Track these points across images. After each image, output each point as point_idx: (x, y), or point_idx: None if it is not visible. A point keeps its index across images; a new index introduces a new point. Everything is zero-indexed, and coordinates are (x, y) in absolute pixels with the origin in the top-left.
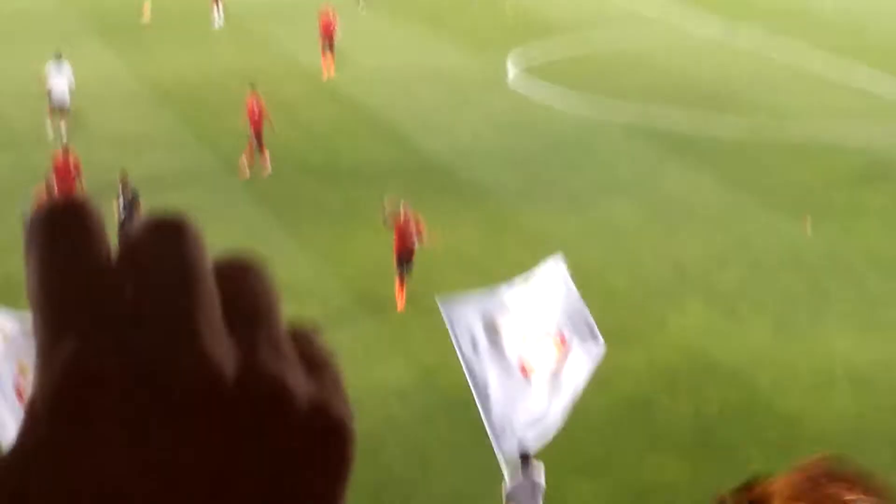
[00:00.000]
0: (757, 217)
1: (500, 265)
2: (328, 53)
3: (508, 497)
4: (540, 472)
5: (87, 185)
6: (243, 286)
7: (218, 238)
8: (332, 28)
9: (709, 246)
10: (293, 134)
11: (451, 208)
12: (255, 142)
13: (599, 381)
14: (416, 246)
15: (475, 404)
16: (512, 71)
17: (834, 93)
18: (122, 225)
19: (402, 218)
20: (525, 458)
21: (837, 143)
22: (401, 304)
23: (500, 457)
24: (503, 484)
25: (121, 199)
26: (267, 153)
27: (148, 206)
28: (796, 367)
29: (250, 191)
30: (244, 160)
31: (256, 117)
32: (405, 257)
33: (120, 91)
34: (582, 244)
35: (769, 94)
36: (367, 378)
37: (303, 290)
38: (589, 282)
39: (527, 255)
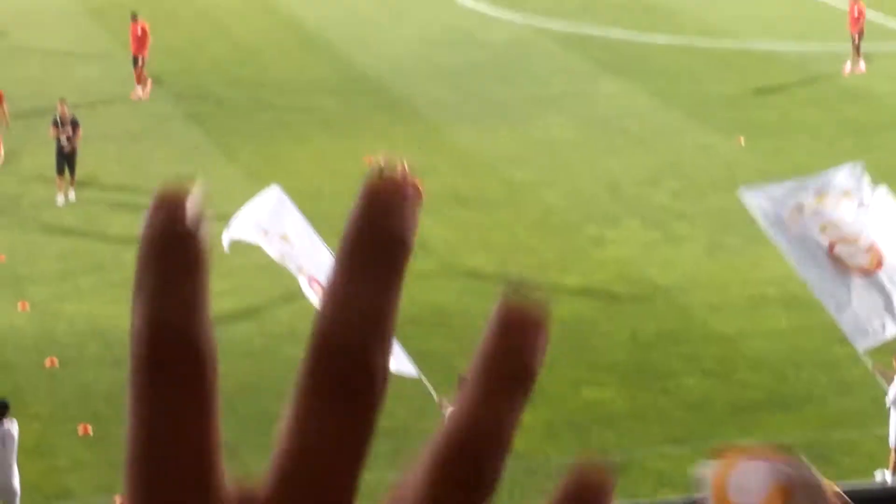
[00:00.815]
0: (691, 134)
1: (434, 183)
2: None
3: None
4: None
5: (19, 104)
6: (522, 342)
7: (150, 155)
8: None
9: (643, 164)
10: (223, 48)
11: (383, 125)
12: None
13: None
14: None
15: (411, 328)
16: None
17: (768, 4)
18: (62, 150)
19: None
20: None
21: (771, 57)
22: None
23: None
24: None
25: (59, 124)
26: (149, 81)
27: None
28: (730, 289)
29: (180, 107)
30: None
31: (137, 44)
32: None
33: (51, 7)
34: (516, 161)
35: (704, 9)
36: (306, 306)
37: (232, 209)
38: (524, 199)
39: (460, 173)
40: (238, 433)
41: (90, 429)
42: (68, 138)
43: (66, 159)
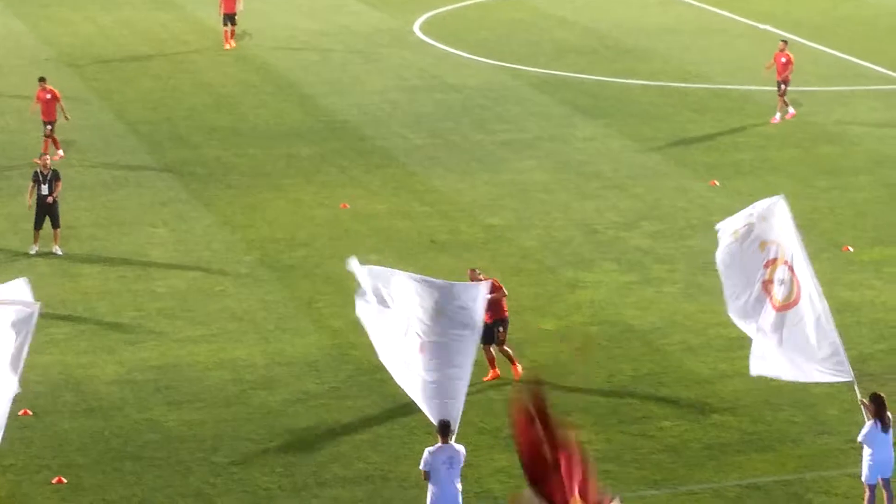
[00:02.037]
0: (667, 177)
1: (411, 229)
2: (229, 25)
3: (425, 463)
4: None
5: None
6: None
7: (127, 203)
8: (233, 2)
9: (619, 206)
10: (198, 96)
11: (359, 171)
12: (47, 130)
13: (515, 351)
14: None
15: (386, 373)
16: (421, 31)
17: (743, 48)
18: (43, 204)
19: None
20: (445, 428)
21: (746, 99)
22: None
23: None
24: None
25: (40, 179)
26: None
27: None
28: (708, 331)
29: (156, 154)
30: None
31: (45, 107)
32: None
33: (25, 55)
34: (492, 205)
35: (678, 53)
36: (281, 352)
37: (211, 257)
38: (500, 243)
39: (436, 218)
40: (214, 482)
41: (63, 479)
42: (50, 192)
43: (47, 213)
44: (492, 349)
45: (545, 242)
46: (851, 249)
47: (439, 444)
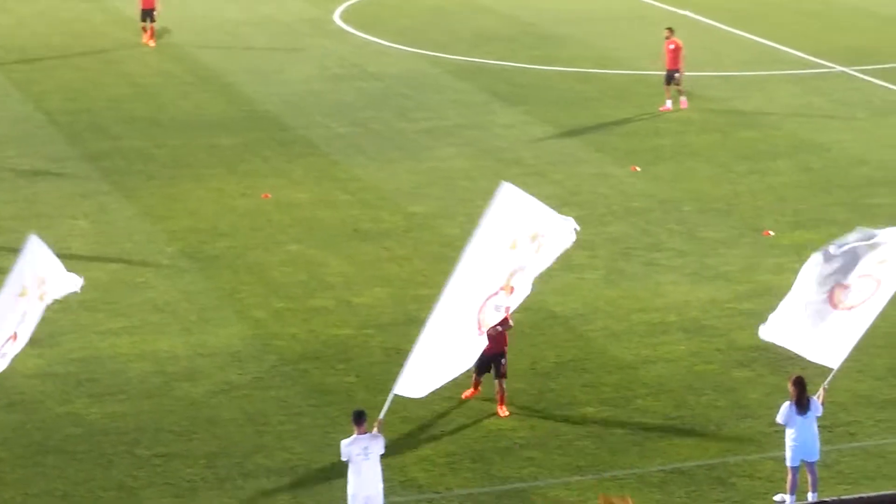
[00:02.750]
0: (587, 163)
1: (334, 218)
2: (148, 21)
3: (343, 454)
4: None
5: None
6: None
7: (47, 195)
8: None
9: (540, 193)
10: (118, 87)
11: (281, 161)
12: None
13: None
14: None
15: (310, 363)
16: (341, 19)
17: (662, 34)
18: None
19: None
20: (359, 417)
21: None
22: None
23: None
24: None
25: None
26: None
27: None
28: (630, 317)
29: (77, 146)
30: None
31: None
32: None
33: None
34: (414, 193)
35: (597, 39)
36: (203, 343)
37: (132, 249)
38: (422, 231)
39: (358, 207)
40: (137, 475)
41: None
42: None
43: None
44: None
45: (468, 230)
46: (772, 234)
47: (355, 434)
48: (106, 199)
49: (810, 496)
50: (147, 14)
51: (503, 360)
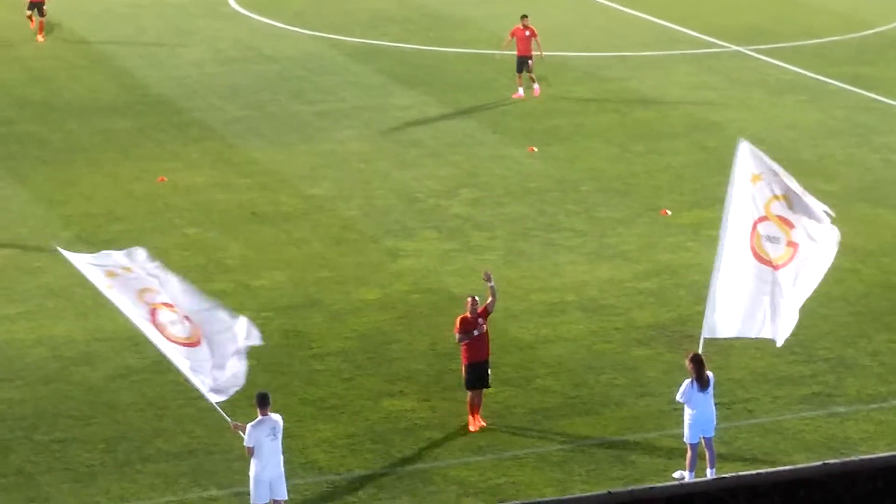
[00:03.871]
0: (485, 144)
1: (231, 201)
2: (36, 14)
3: (249, 438)
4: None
5: None
6: None
7: None
8: None
9: (438, 175)
10: (11, 71)
11: (177, 144)
12: None
13: (338, 321)
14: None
15: None
16: (236, 2)
17: (557, 15)
18: None
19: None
20: (263, 399)
21: (562, 66)
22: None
23: None
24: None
25: None
26: None
27: None
28: (529, 296)
29: None
30: None
31: None
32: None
33: None
34: (312, 176)
35: (492, 20)
36: (101, 328)
37: (28, 234)
38: (321, 214)
39: (256, 190)
40: (36, 460)
41: None
42: None
43: None
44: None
45: (366, 212)
46: (669, 213)
47: (259, 416)
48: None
49: (709, 472)
50: (35, 6)
51: (489, 370)
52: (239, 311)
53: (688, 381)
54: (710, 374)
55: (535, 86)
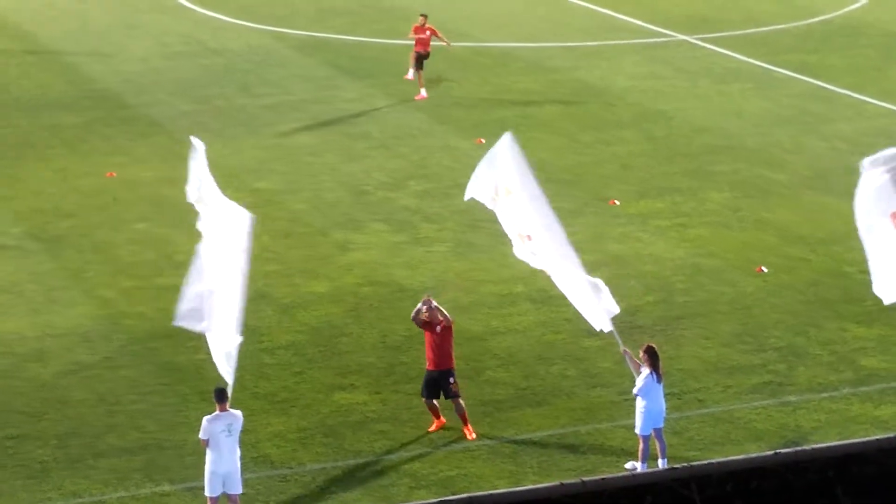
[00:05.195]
0: (432, 136)
1: (180, 195)
2: None
3: (204, 431)
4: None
5: None
6: None
7: None
8: None
9: (386, 167)
10: None
11: (124, 139)
12: None
13: (287, 314)
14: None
15: (160, 342)
16: None
17: (501, 5)
18: None
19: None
20: (221, 394)
21: (507, 56)
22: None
23: None
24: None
25: None
26: None
27: None
28: (478, 288)
29: None
30: None
31: None
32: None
33: None
34: (259, 170)
35: (438, 10)
36: (51, 323)
37: None
38: (269, 208)
39: None
40: None
41: None
42: None
43: None
44: (436, 402)
45: (314, 205)
46: (618, 203)
47: (217, 411)
48: None
49: (661, 463)
50: None
51: (451, 379)
52: None
53: (647, 372)
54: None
55: (422, 91)
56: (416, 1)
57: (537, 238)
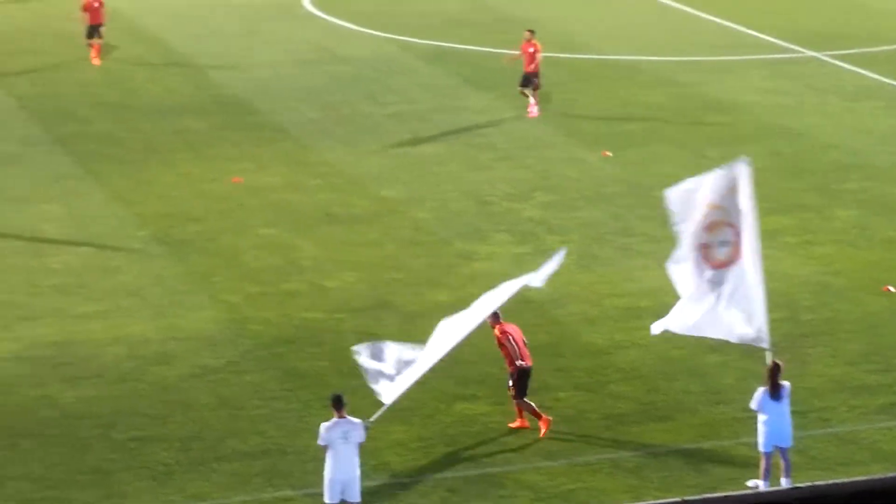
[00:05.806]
0: (558, 148)
1: (304, 202)
2: (95, 38)
3: (321, 438)
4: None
5: None
6: None
7: (19, 180)
8: (98, 13)
9: (512, 178)
10: (87, 71)
11: (250, 145)
12: None
13: (410, 323)
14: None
15: (284, 347)
16: (311, 4)
17: (629, 17)
18: None
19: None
20: (338, 401)
21: (635, 70)
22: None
23: None
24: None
25: None
26: None
27: None
28: (603, 301)
29: (47, 130)
30: None
31: None
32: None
33: None
34: (384, 178)
35: (566, 24)
36: (176, 327)
37: (104, 233)
38: (393, 216)
39: (328, 191)
40: (113, 458)
41: None
42: None
43: None
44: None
45: (438, 214)
46: None
47: (335, 418)
48: (77, 183)
49: (784, 482)
50: (94, 30)
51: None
52: (312, 311)
53: (761, 388)
54: (786, 383)
55: (535, 108)
56: (544, 13)
57: (736, 266)
